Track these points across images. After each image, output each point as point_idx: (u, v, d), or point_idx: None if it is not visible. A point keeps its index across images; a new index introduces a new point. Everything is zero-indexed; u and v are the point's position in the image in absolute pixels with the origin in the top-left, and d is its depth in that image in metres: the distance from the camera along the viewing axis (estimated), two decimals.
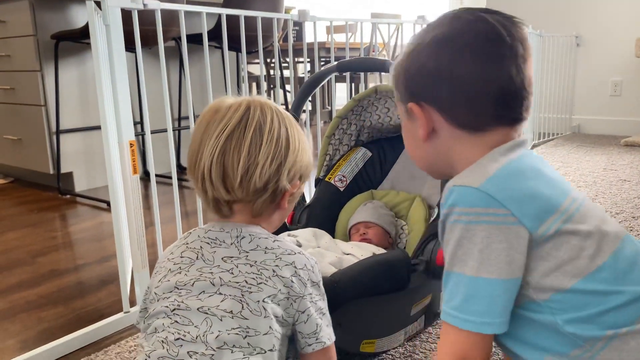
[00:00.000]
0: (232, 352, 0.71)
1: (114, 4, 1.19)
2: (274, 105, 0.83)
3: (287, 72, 4.19)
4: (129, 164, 1.26)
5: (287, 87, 4.03)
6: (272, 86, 4.60)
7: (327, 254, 1.17)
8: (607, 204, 2.15)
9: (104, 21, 1.19)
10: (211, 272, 0.77)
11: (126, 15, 1.22)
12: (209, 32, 1.52)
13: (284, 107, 0.91)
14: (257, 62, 4.74)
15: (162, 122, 1.41)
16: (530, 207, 0.64)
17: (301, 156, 0.83)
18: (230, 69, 3.01)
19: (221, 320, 0.73)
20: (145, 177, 2.77)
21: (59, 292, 1.51)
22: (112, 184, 1.26)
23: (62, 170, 2.56)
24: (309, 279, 0.80)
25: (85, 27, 2.29)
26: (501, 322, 0.64)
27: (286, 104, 3.13)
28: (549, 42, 3.60)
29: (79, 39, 2.38)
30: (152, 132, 1.43)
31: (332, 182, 1.49)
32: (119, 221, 1.29)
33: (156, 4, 1.31)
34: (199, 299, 0.75)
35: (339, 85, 4.59)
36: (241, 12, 1.56)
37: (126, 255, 1.38)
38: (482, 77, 0.68)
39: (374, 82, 4.01)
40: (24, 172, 2.87)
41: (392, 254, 1.10)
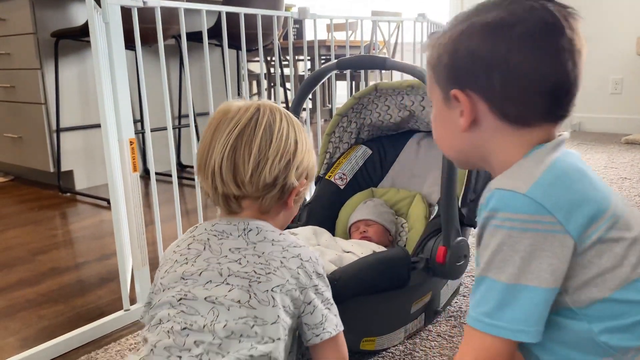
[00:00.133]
0: (240, 342, 0.72)
1: (114, 2, 1.19)
2: (282, 108, 0.86)
3: (287, 70, 4.19)
4: (129, 162, 1.26)
5: (288, 85, 4.03)
6: (272, 84, 4.60)
7: (327, 252, 1.17)
8: None
9: (103, 19, 1.19)
10: (219, 263, 0.78)
11: (126, 13, 1.22)
12: (209, 30, 1.52)
13: (284, 105, 0.92)
14: (257, 60, 4.74)
15: (162, 120, 1.41)
16: (577, 215, 0.61)
17: (308, 156, 0.86)
18: (230, 67, 3.01)
19: (228, 309, 0.73)
20: (145, 175, 2.77)
21: (59, 290, 1.51)
22: (112, 182, 1.26)
23: (63, 168, 2.56)
24: (314, 271, 0.81)
25: (85, 25, 2.28)
26: (536, 331, 0.62)
27: (286, 102, 3.13)
28: None
29: (79, 36, 2.38)
30: (152, 130, 1.43)
31: (332, 180, 1.49)
32: (119, 219, 1.29)
33: (156, 2, 1.31)
34: (206, 288, 0.76)
35: (339, 83, 4.59)
36: (241, 10, 1.56)
37: (126, 253, 1.38)
38: (538, 70, 0.64)
39: (374, 80, 4.01)
40: (25, 170, 2.87)
41: (392, 251, 1.10)
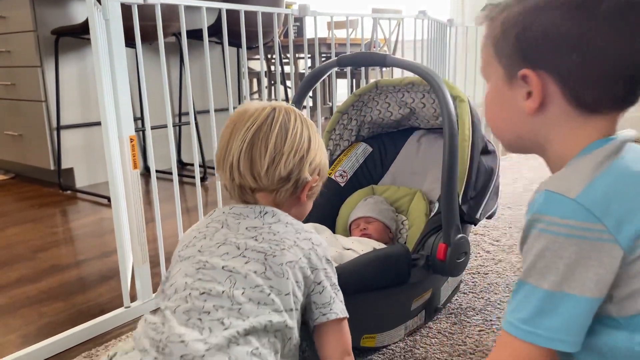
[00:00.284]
0: (258, 308, 0.75)
1: None
2: (296, 109, 0.92)
3: (287, 68, 4.19)
4: (129, 159, 1.26)
5: (288, 83, 4.02)
6: (272, 82, 4.60)
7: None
8: None
9: (103, 16, 1.19)
10: (236, 238, 0.82)
11: (126, 10, 1.22)
12: (209, 28, 1.52)
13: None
14: (258, 58, 4.73)
15: (163, 117, 1.41)
16: (629, 225, 0.58)
17: (320, 153, 0.91)
18: (230, 65, 3.01)
19: (245, 277, 0.77)
20: (145, 172, 2.77)
21: (59, 287, 1.51)
22: (113, 179, 1.26)
23: (63, 166, 2.56)
24: (324, 256, 0.86)
25: (85, 23, 2.28)
26: (576, 341, 0.59)
27: (287, 99, 3.13)
28: None
29: (79, 34, 2.38)
30: (152, 128, 1.43)
31: (332, 177, 1.49)
32: (120, 216, 1.29)
33: None
34: (223, 259, 0.79)
35: (339, 81, 4.58)
36: (241, 7, 1.56)
37: (127, 250, 1.38)
38: (620, 52, 0.60)
39: (374, 77, 4.00)
40: (25, 168, 2.87)
41: (393, 248, 1.10)
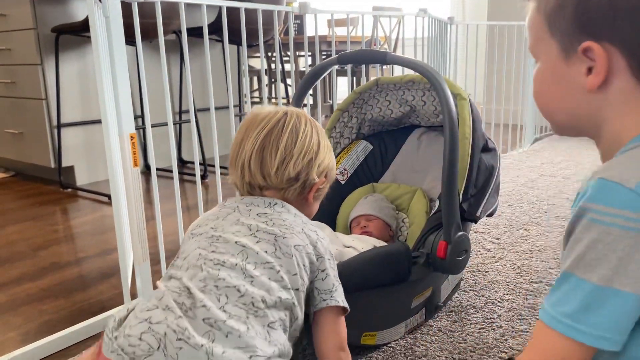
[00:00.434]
0: (270, 282, 0.78)
1: None
2: (307, 114, 0.95)
3: (288, 66, 4.19)
4: (129, 157, 1.25)
5: (288, 81, 4.02)
6: (273, 80, 4.59)
7: None
8: None
9: (104, 13, 1.19)
10: (247, 220, 0.86)
11: (126, 7, 1.22)
12: (209, 26, 1.52)
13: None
14: (258, 56, 4.73)
15: (163, 115, 1.41)
16: None
17: (329, 157, 0.95)
18: (230, 63, 3.00)
19: (257, 254, 0.80)
20: (146, 170, 2.77)
21: (60, 285, 1.51)
22: (113, 177, 1.26)
23: (63, 164, 2.56)
24: (327, 250, 0.89)
25: (85, 20, 2.28)
26: (620, 340, 0.57)
27: (287, 97, 3.12)
28: None
29: (80, 32, 2.38)
30: (152, 126, 1.43)
31: None
32: (120, 214, 1.29)
33: None
34: (236, 235, 0.83)
35: (340, 79, 4.58)
36: (242, 5, 1.56)
37: (127, 248, 1.38)
38: None
39: (375, 75, 4.00)
40: (25, 166, 2.87)
41: (393, 246, 1.10)
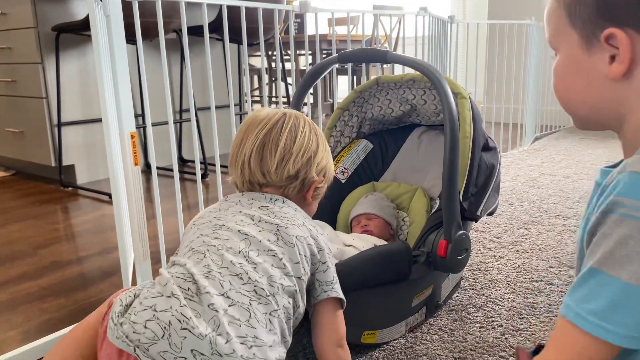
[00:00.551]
0: (272, 269, 0.80)
1: None
2: (305, 116, 0.97)
3: (288, 65, 4.18)
4: (129, 156, 1.25)
5: (289, 79, 4.02)
6: (273, 79, 4.59)
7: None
8: None
9: (104, 12, 1.19)
10: (249, 211, 0.88)
11: (127, 6, 1.22)
12: (209, 24, 1.52)
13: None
14: (259, 55, 4.73)
15: (163, 114, 1.41)
16: None
17: (327, 157, 0.97)
18: (231, 62, 3.00)
19: (260, 242, 0.82)
20: (146, 169, 2.77)
21: (61, 284, 1.51)
22: (114, 176, 1.26)
23: (64, 162, 2.56)
24: (327, 244, 0.91)
25: (86, 19, 2.28)
26: None
27: (287, 96, 3.12)
28: None
29: (80, 30, 2.38)
30: (153, 125, 1.43)
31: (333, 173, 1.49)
32: (121, 213, 1.29)
33: None
34: (239, 224, 0.85)
35: (340, 77, 4.58)
36: (242, 3, 1.56)
37: (128, 247, 1.38)
38: None
39: (375, 74, 4.00)
40: (26, 164, 2.87)
41: (394, 245, 1.10)
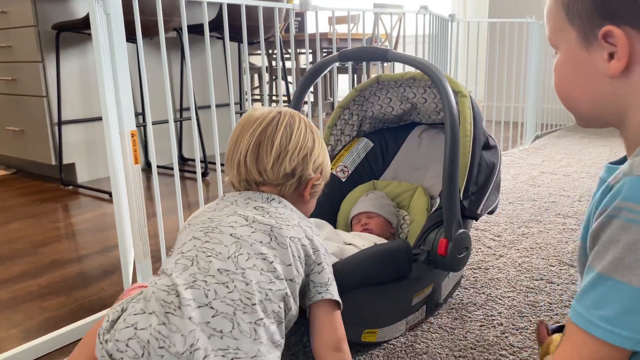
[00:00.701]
0: (261, 275, 0.79)
1: None
2: (301, 114, 0.97)
3: (289, 63, 4.18)
4: (130, 154, 1.25)
5: (289, 78, 4.02)
6: (273, 77, 4.59)
7: (329, 244, 1.18)
8: None
9: (104, 10, 1.18)
10: (244, 212, 0.87)
11: (127, 4, 1.22)
12: (210, 23, 1.52)
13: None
14: (259, 53, 4.73)
15: (164, 113, 1.41)
16: None
17: (323, 154, 0.96)
18: (231, 60, 3.00)
19: (251, 245, 0.81)
20: (147, 168, 2.77)
21: (61, 282, 1.51)
22: (114, 174, 1.26)
23: (64, 161, 2.57)
24: (323, 245, 0.91)
25: (86, 17, 2.28)
26: None
27: (288, 95, 3.12)
28: None
29: (80, 29, 2.38)
30: (153, 123, 1.43)
31: (334, 172, 1.49)
32: (121, 211, 1.29)
33: None
34: (231, 226, 0.84)
35: (341, 76, 4.58)
36: (242, 2, 1.55)
37: (128, 245, 1.38)
38: None
39: (376, 72, 4.00)
40: (26, 163, 2.87)
41: (394, 243, 1.10)
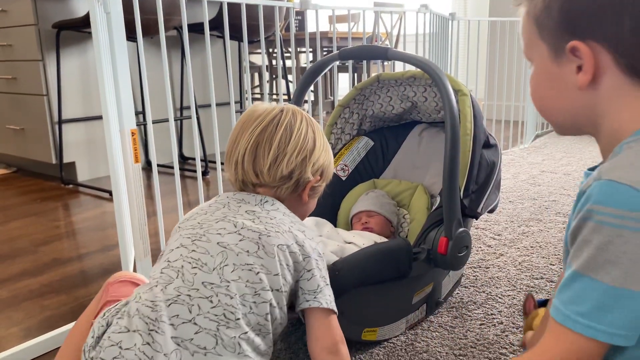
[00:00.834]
0: (246, 287, 0.78)
1: None
2: (304, 112, 0.95)
3: (289, 62, 4.18)
4: (130, 153, 1.26)
5: (290, 77, 4.02)
6: (274, 76, 4.59)
7: (329, 243, 1.18)
8: None
9: (105, 9, 1.19)
10: (234, 217, 0.86)
11: (127, 3, 1.22)
12: (210, 22, 1.52)
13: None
14: (259, 52, 4.72)
15: (164, 112, 1.41)
16: None
17: (325, 155, 0.94)
18: (232, 59, 3.00)
19: (237, 255, 0.80)
20: (147, 166, 2.77)
21: (62, 281, 1.52)
22: (114, 173, 1.26)
23: (65, 160, 2.57)
24: (315, 249, 0.89)
25: (86, 16, 2.28)
26: (634, 336, 0.57)
27: (288, 94, 3.12)
28: None
29: (81, 28, 2.38)
30: (153, 122, 1.43)
31: (334, 171, 1.49)
32: (121, 210, 1.29)
33: None
34: (219, 233, 0.83)
35: (341, 75, 4.58)
36: (243, 1, 1.55)
37: (128, 244, 1.39)
38: None
39: (376, 71, 3.99)
40: (27, 162, 2.87)
41: (394, 242, 1.10)
